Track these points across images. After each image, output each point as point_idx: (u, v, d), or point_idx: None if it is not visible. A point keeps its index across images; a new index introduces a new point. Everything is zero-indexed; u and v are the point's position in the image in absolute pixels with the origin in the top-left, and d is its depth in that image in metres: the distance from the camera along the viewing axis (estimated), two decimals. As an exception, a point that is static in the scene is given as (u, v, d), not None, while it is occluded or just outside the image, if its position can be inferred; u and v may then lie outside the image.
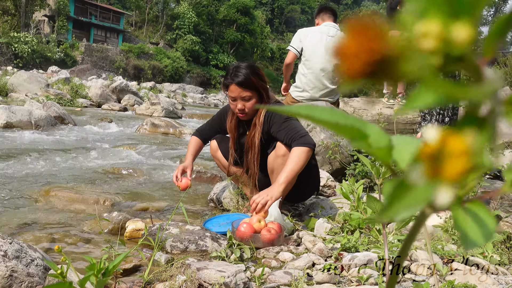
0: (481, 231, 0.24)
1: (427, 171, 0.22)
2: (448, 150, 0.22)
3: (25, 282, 1.49)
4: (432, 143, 0.22)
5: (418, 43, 0.22)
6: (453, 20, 0.21)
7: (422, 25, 0.22)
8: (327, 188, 3.11)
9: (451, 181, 0.22)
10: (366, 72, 0.22)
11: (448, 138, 0.22)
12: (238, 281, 1.57)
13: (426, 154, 0.22)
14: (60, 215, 2.50)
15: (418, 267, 1.78)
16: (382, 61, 0.22)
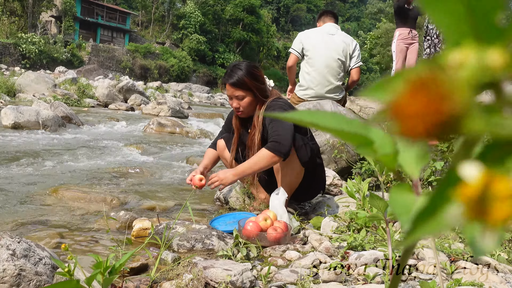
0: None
1: (469, 213, 0.21)
2: (493, 193, 0.20)
3: (33, 281, 1.50)
4: (473, 183, 0.21)
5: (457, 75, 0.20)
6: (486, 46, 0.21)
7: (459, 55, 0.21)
8: (333, 187, 3.11)
9: (496, 225, 0.21)
10: (431, 134, 0.21)
11: (492, 179, 0.20)
12: (245, 279, 1.57)
13: (467, 196, 0.21)
14: (68, 214, 2.52)
15: (425, 266, 1.77)
16: (447, 121, 0.20)
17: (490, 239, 0.21)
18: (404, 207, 0.27)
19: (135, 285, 1.59)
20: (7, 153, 4.21)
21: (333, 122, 0.29)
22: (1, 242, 1.52)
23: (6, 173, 3.40)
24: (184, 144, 6.02)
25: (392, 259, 1.44)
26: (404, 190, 0.28)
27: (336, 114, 0.30)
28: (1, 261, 1.47)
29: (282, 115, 0.30)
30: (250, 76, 2.44)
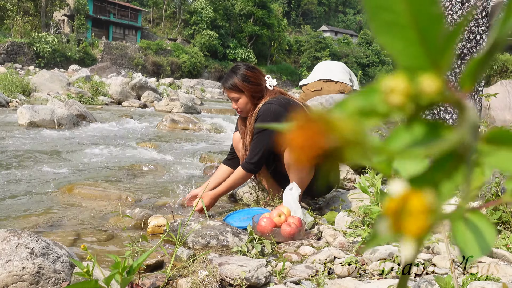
0: (479, 244, 0.24)
1: (391, 226, 0.23)
2: (409, 208, 0.23)
3: (52, 279, 1.53)
4: (396, 198, 0.23)
5: (388, 100, 0.23)
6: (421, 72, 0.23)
7: (390, 82, 0.23)
8: (347, 181, 3.10)
9: (411, 236, 0.23)
10: (313, 161, 0.24)
11: (410, 196, 0.23)
12: (260, 275, 1.58)
13: (390, 209, 0.23)
14: (84, 212, 2.55)
15: (441, 260, 1.76)
16: (327, 151, 0.24)
17: (409, 250, 0.24)
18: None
19: (151, 282, 1.61)
20: (23, 152, 4.27)
21: None
22: (20, 241, 1.55)
23: (22, 172, 3.46)
24: (197, 140, 6.05)
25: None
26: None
27: None
28: (20, 260, 1.50)
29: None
30: (242, 78, 2.56)
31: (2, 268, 1.47)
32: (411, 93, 0.23)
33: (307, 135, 0.23)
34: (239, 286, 1.55)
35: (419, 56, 0.23)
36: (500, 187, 2.30)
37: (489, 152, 0.22)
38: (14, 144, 4.72)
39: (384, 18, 0.22)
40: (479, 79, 0.46)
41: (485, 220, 0.26)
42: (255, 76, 2.60)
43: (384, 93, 0.23)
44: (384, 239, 0.24)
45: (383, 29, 0.23)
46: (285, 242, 2.06)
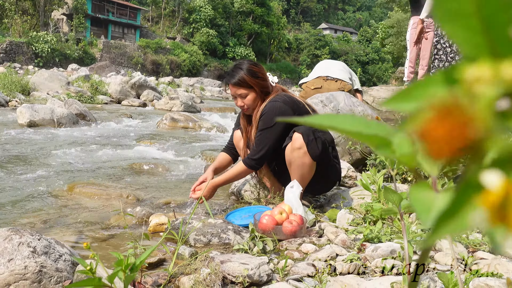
0: None
1: (492, 218, 0.22)
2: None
3: (54, 277, 1.53)
4: (495, 191, 0.22)
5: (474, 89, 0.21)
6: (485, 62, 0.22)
7: (475, 70, 0.22)
8: (348, 179, 3.10)
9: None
10: (455, 156, 0.22)
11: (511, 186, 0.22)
12: (262, 273, 1.58)
13: (490, 202, 0.22)
14: (85, 211, 2.55)
15: (443, 257, 1.76)
16: (471, 143, 0.22)
17: (509, 242, 0.23)
18: (425, 205, 0.28)
19: (154, 280, 1.61)
20: (23, 151, 4.27)
21: (351, 124, 0.29)
22: (22, 239, 1.55)
23: (22, 171, 3.45)
24: (198, 138, 6.05)
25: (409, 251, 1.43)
26: (423, 188, 0.28)
27: (354, 116, 0.30)
28: (23, 258, 1.50)
29: (298, 120, 0.30)
30: (250, 73, 2.51)
31: (4, 267, 1.47)
32: (497, 81, 0.21)
33: (452, 125, 0.21)
34: (241, 283, 1.55)
35: (483, 46, 0.22)
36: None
37: None
38: (14, 143, 4.71)
39: (449, 6, 0.21)
40: None
41: None
42: (262, 72, 2.58)
43: (468, 82, 0.22)
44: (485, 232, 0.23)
45: (447, 18, 0.22)
46: (287, 239, 2.06)
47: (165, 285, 1.59)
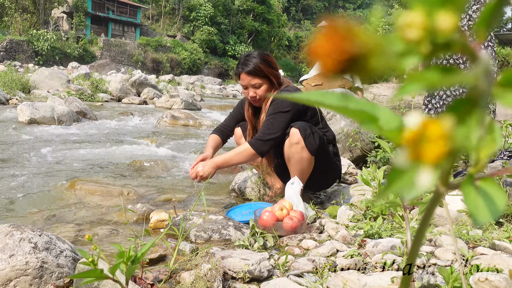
0: (489, 208, 0.25)
1: (410, 155, 0.24)
2: (427, 135, 0.23)
3: (55, 273, 1.53)
4: (413, 128, 0.24)
5: (404, 34, 0.23)
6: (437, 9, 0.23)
7: (407, 17, 0.24)
8: (349, 176, 3.10)
9: (430, 164, 0.24)
10: (339, 69, 0.24)
11: (428, 124, 0.23)
12: (262, 268, 1.59)
13: (409, 139, 0.24)
14: (86, 208, 2.56)
15: (443, 253, 1.77)
16: (353, 59, 0.24)
17: (427, 178, 0.24)
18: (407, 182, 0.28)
19: (154, 276, 1.61)
20: (24, 149, 4.27)
21: (337, 100, 0.29)
22: (23, 235, 1.56)
23: (23, 168, 3.46)
24: (198, 136, 6.05)
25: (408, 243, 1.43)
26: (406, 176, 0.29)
27: (343, 93, 0.30)
28: (24, 254, 1.50)
29: (292, 96, 0.30)
30: (265, 63, 2.45)
31: (6, 262, 1.47)
32: (428, 28, 0.23)
33: (333, 41, 0.23)
34: (242, 279, 1.55)
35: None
36: (502, 179, 2.30)
37: (503, 95, 0.22)
38: (15, 141, 4.72)
39: None
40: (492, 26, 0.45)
41: (495, 186, 0.26)
42: (275, 62, 2.54)
43: (401, 28, 0.24)
44: (405, 171, 0.24)
45: None
46: (287, 235, 2.06)
47: (165, 281, 1.59)
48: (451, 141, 0.23)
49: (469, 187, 0.26)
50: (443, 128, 0.23)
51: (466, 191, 0.26)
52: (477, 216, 0.25)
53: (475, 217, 0.25)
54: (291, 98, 0.29)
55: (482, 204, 0.25)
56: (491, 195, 0.25)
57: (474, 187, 0.26)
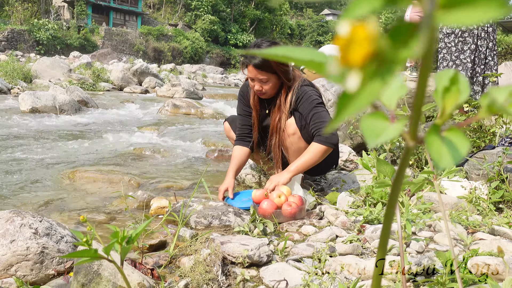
0: (451, 154, 0.25)
1: (340, 61, 0.25)
2: (354, 39, 0.25)
3: (56, 258, 1.55)
4: (343, 34, 0.25)
5: None
6: None
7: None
8: (349, 163, 3.10)
9: (356, 65, 0.25)
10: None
11: (355, 28, 0.25)
12: (262, 254, 1.59)
13: (339, 45, 0.25)
14: (86, 195, 2.57)
15: (442, 238, 1.77)
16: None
17: (352, 80, 0.25)
18: (374, 130, 0.28)
19: (154, 261, 1.62)
20: (26, 137, 4.28)
21: (299, 54, 0.30)
22: (24, 221, 1.57)
23: (24, 157, 3.47)
24: (199, 124, 6.05)
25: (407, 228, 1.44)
26: (378, 117, 0.29)
27: (309, 49, 0.31)
28: (24, 240, 1.51)
29: (259, 52, 0.31)
30: None
31: (7, 248, 1.48)
32: None
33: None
34: (241, 264, 1.56)
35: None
36: (502, 166, 2.30)
37: (445, 16, 0.23)
38: (16, 130, 4.73)
39: None
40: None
41: (460, 135, 0.26)
42: None
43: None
44: (334, 78, 0.25)
45: None
46: (287, 222, 2.07)
47: (165, 266, 1.60)
48: (375, 42, 0.24)
49: (433, 136, 0.26)
50: (368, 30, 0.24)
51: (430, 140, 0.27)
52: (439, 162, 0.25)
53: (437, 162, 0.25)
54: (259, 54, 0.30)
55: (445, 151, 0.25)
56: (455, 143, 0.26)
57: (439, 136, 0.26)
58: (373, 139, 0.26)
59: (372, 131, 0.27)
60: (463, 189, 2.23)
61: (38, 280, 1.49)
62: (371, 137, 0.27)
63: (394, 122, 0.28)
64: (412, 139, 0.27)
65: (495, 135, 2.94)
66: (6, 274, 1.47)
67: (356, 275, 1.44)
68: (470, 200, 2.15)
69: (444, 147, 0.26)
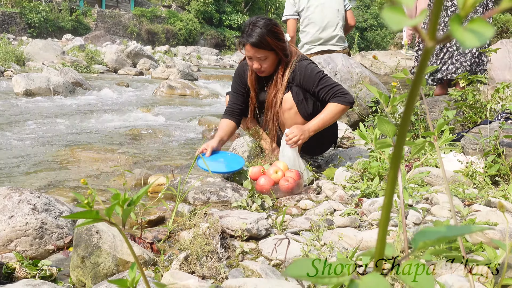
0: (476, 36, 0.25)
1: None
2: None
3: (55, 234, 1.55)
4: None
5: None
6: None
7: None
8: (346, 140, 3.11)
9: None
10: None
11: None
12: (260, 227, 1.60)
13: None
14: (84, 173, 2.56)
15: (439, 210, 1.78)
16: None
17: None
18: (395, 19, 0.28)
19: (154, 236, 1.63)
20: (21, 119, 4.26)
21: None
22: (22, 197, 1.56)
23: (21, 137, 3.45)
24: (195, 105, 6.02)
25: (404, 196, 1.45)
26: (398, 11, 0.29)
27: None
28: (23, 215, 1.51)
29: None
30: (272, 35, 2.30)
31: (6, 223, 1.49)
32: None
33: None
34: (240, 237, 1.57)
35: None
36: (498, 140, 2.31)
37: None
38: (11, 111, 4.69)
39: None
40: None
41: (483, 23, 0.26)
42: (282, 32, 2.38)
43: None
44: None
45: None
46: (285, 197, 2.08)
47: (165, 240, 1.61)
48: None
49: (456, 24, 0.26)
50: None
51: (453, 27, 0.26)
52: (464, 42, 0.25)
53: (463, 42, 0.25)
54: None
55: (470, 34, 0.25)
56: (478, 29, 0.26)
57: (461, 24, 0.27)
58: (395, 24, 0.26)
59: (393, 20, 0.27)
60: (459, 163, 2.24)
61: (38, 255, 1.50)
62: (393, 23, 0.26)
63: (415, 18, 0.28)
64: (431, 39, 0.27)
65: (491, 111, 2.95)
66: (6, 249, 1.47)
67: (354, 246, 1.45)
68: (467, 174, 2.16)
69: (468, 32, 0.25)
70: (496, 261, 1.07)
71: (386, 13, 0.27)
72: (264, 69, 2.38)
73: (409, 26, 1.68)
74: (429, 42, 0.27)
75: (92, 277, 1.28)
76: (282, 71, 2.41)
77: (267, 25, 2.31)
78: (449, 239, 0.31)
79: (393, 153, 0.32)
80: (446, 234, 0.31)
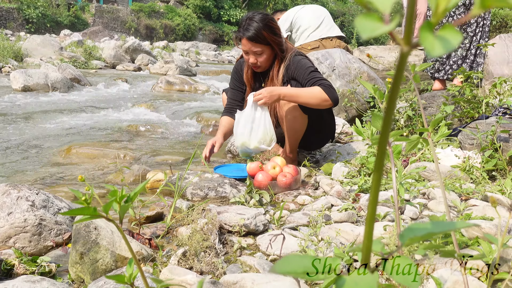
0: (443, 44, 0.26)
1: None
2: None
3: (54, 230, 1.56)
4: None
5: None
6: None
7: None
8: (344, 135, 3.12)
9: None
10: None
11: None
12: (258, 223, 1.61)
13: None
14: (82, 170, 2.57)
15: (436, 205, 1.79)
16: None
17: None
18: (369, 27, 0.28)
19: (152, 232, 1.64)
20: (19, 115, 4.25)
21: None
22: (20, 194, 1.57)
23: (20, 133, 3.45)
24: (193, 100, 6.02)
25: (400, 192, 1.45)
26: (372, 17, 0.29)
27: None
28: (22, 212, 1.52)
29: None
30: (269, 29, 2.31)
31: (4, 220, 1.49)
32: None
33: None
34: (238, 232, 1.58)
35: None
36: (495, 135, 2.32)
37: None
38: (9, 108, 4.69)
39: None
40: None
41: (452, 30, 0.27)
42: (278, 27, 2.39)
43: None
44: None
45: None
46: (282, 192, 2.08)
47: (163, 236, 1.62)
48: None
49: (427, 31, 0.27)
50: None
51: (423, 34, 0.27)
52: (431, 51, 0.26)
53: (429, 50, 0.26)
54: None
55: (438, 42, 0.26)
56: (447, 36, 0.26)
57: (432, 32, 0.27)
58: (368, 32, 0.27)
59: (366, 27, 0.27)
60: (457, 158, 2.25)
61: (37, 252, 1.51)
62: (365, 32, 0.27)
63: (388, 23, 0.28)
64: (406, 44, 0.27)
65: (489, 106, 2.95)
66: (4, 245, 1.48)
67: (351, 241, 1.46)
68: (464, 169, 2.17)
69: (436, 40, 0.26)
70: (491, 255, 1.08)
71: (358, 21, 0.28)
72: (260, 64, 2.40)
73: None
74: (405, 47, 0.28)
75: (90, 273, 1.28)
76: (277, 67, 2.42)
77: (263, 19, 2.32)
78: (436, 235, 0.31)
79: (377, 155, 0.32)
80: (432, 230, 0.31)
